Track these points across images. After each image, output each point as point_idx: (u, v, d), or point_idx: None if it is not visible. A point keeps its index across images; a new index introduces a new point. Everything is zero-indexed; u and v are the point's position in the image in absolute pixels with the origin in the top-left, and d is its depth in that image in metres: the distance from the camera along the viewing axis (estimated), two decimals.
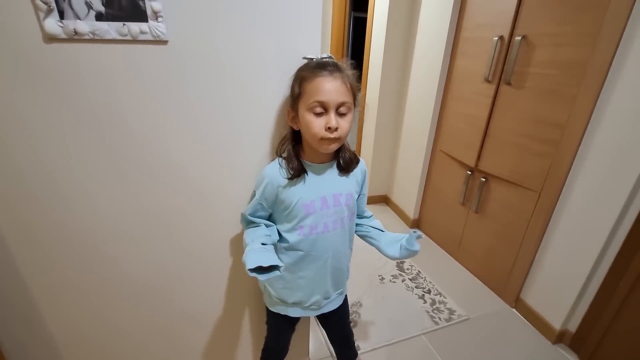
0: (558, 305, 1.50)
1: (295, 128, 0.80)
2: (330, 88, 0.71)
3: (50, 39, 0.67)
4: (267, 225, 0.85)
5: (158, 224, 0.90)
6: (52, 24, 0.67)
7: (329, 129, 0.72)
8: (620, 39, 1.16)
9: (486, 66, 1.69)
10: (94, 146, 0.77)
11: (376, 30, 2.49)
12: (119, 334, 1.01)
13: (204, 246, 0.97)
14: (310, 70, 0.73)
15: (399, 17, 2.31)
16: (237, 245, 1.01)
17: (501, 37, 1.60)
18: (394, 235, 0.91)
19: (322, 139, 0.73)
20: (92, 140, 0.76)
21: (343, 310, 1.01)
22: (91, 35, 0.69)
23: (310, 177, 0.82)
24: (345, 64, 0.77)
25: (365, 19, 2.68)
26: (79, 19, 0.68)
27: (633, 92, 1.16)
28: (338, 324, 1.04)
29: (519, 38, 1.50)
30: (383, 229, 0.96)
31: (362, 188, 0.92)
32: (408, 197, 2.55)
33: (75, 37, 0.68)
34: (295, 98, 0.76)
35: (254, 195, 0.85)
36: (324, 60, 0.76)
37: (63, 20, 0.67)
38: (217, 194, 0.92)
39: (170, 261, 0.96)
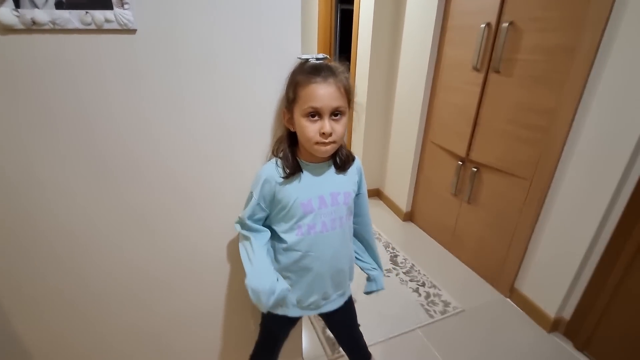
0: (552, 293, 1.49)
1: (292, 129, 0.80)
2: (324, 94, 0.71)
3: (6, 29, 0.62)
4: (263, 235, 0.84)
5: (138, 228, 0.86)
6: (7, 13, 0.61)
7: (323, 134, 0.72)
8: (607, 22, 1.15)
9: (474, 54, 1.67)
10: (60, 146, 0.72)
11: (363, 22, 2.46)
12: (101, 341, 0.96)
13: (189, 250, 0.93)
14: (305, 75, 0.73)
15: (385, 8, 2.28)
16: (226, 250, 0.97)
17: (488, 24, 1.57)
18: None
19: (317, 143, 0.74)
20: (56, 139, 0.72)
21: (347, 311, 0.98)
22: (51, 25, 0.64)
23: (307, 176, 0.81)
24: (341, 66, 0.76)
25: (352, 11, 2.65)
26: (37, 8, 0.63)
27: (621, 76, 1.15)
28: (344, 326, 1.01)
29: (506, 24, 1.48)
30: (376, 266, 1.01)
31: (360, 187, 0.91)
32: (400, 190, 2.53)
33: (33, 28, 0.63)
34: (290, 101, 0.77)
35: (250, 196, 0.83)
36: (319, 63, 0.75)
37: (19, 9, 0.62)
38: (200, 195, 0.88)
39: (153, 266, 0.92)
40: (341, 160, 0.84)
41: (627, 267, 1.23)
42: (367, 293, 1.03)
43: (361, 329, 1.04)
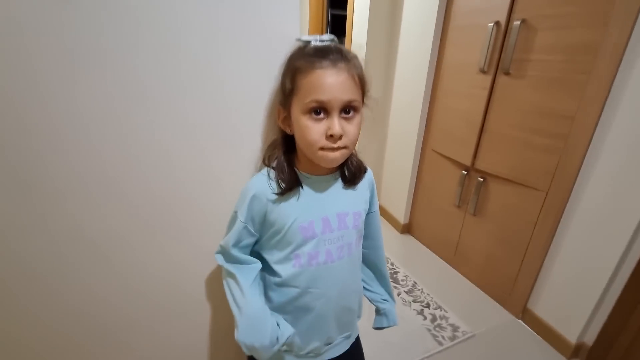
0: (572, 315, 1.35)
1: (288, 132, 0.62)
2: (332, 83, 0.53)
3: None
4: (251, 269, 0.66)
5: (89, 255, 0.67)
6: None
7: (331, 137, 0.55)
8: (637, 16, 1.03)
9: (480, 56, 1.55)
10: None
11: (357, 27, 2.34)
12: None
13: (153, 284, 0.75)
14: (306, 59, 0.55)
15: (381, 11, 2.17)
16: (204, 284, 0.79)
17: (497, 23, 1.46)
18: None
19: (322, 148, 0.56)
20: None
21: (353, 354, 0.80)
22: None
23: (307, 193, 0.64)
24: (352, 51, 0.58)
25: (343, 17, 2.55)
26: None
27: None
28: None
29: (518, 22, 1.36)
30: (387, 297, 0.84)
31: (371, 205, 0.74)
32: (397, 200, 2.38)
33: None
34: (286, 95, 0.59)
35: (234, 218, 0.65)
36: (325, 44, 0.56)
37: None
38: (166, 216, 0.70)
39: (115, 302, 0.73)
40: (350, 172, 0.67)
41: None
42: (377, 329, 0.86)
43: None
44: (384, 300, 0.84)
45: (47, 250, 0.63)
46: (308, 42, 0.58)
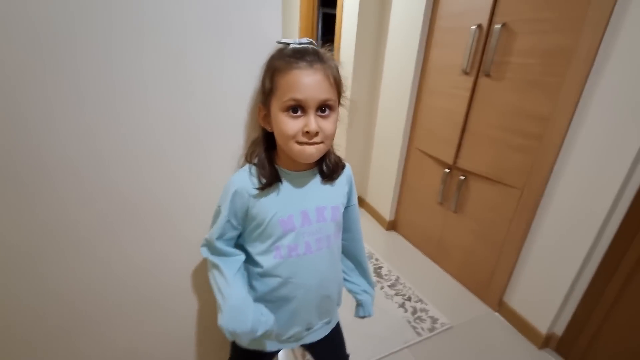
0: (543, 308, 1.42)
1: (269, 129, 0.65)
2: (309, 83, 0.57)
3: None
4: (235, 260, 0.69)
5: (73, 247, 0.68)
6: None
7: (307, 133, 0.59)
8: (608, 22, 1.09)
9: (463, 57, 1.60)
10: None
11: (346, 25, 2.37)
12: None
13: (140, 269, 0.76)
14: (285, 59, 0.59)
15: (369, 11, 2.21)
16: (190, 276, 0.81)
17: (479, 26, 1.51)
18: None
19: (298, 142, 0.60)
20: None
21: (334, 340, 0.84)
22: None
23: (287, 188, 0.67)
24: (329, 52, 0.62)
25: (334, 15, 2.57)
26: None
27: (622, 81, 1.09)
28: (326, 354, 0.86)
29: (499, 26, 1.41)
30: (366, 288, 0.88)
31: (350, 199, 0.78)
32: (383, 198, 2.43)
33: None
34: (266, 94, 0.62)
35: (218, 212, 0.67)
36: (303, 46, 0.60)
37: None
38: (152, 208, 0.71)
39: (98, 289, 0.74)
40: (328, 168, 0.70)
41: (625, 281, 1.17)
42: (358, 317, 0.90)
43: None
44: (363, 291, 0.87)
45: (33, 236, 0.64)
46: (287, 45, 0.61)
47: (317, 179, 0.70)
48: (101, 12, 0.55)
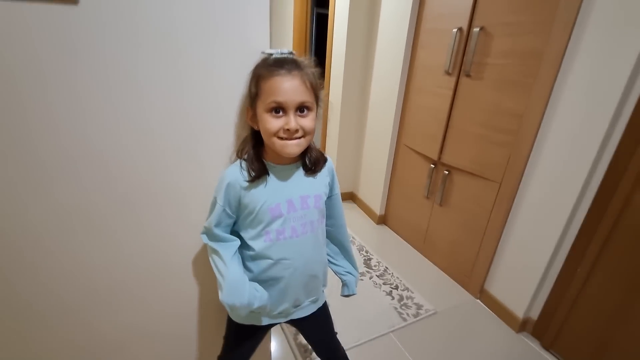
0: (520, 294, 1.51)
1: (256, 128, 0.73)
2: (287, 87, 0.66)
3: None
4: (232, 245, 0.78)
5: (86, 224, 0.76)
6: None
7: (287, 130, 0.67)
8: (573, 26, 1.18)
9: (446, 58, 1.69)
10: None
11: (337, 25, 2.45)
12: (49, 351, 0.85)
13: (147, 249, 0.85)
14: (267, 68, 0.68)
15: (360, 11, 2.29)
16: (193, 245, 0.90)
17: (460, 29, 1.60)
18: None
19: (280, 138, 0.68)
20: None
21: (322, 319, 0.93)
22: None
23: (274, 179, 0.75)
24: (307, 60, 0.71)
25: (328, 15, 2.64)
26: None
27: (586, 80, 1.18)
28: (319, 335, 0.95)
29: (477, 29, 1.50)
30: (350, 270, 0.96)
31: (332, 189, 0.86)
32: (374, 193, 2.52)
33: None
34: (252, 97, 0.71)
35: (214, 202, 0.76)
36: (283, 56, 0.70)
37: None
38: (151, 196, 0.80)
39: (106, 267, 0.82)
40: (310, 162, 0.78)
41: (590, 268, 1.27)
42: (343, 296, 0.98)
43: None
44: (347, 272, 0.96)
45: (47, 217, 0.72)
46: (271, 55, 0.70)
47: (301, 171, 0.79)
48: (130, 23, 0.64)
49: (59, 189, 0.71)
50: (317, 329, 0.94)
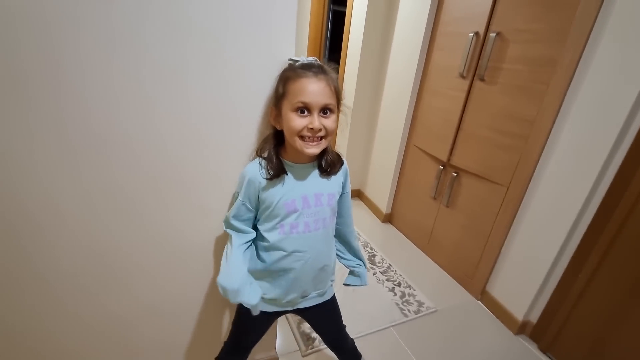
0: (521, 297, 1.54)
1: (278, 128, 0.78)
2: (314, 89, 0.70)
3: None
4: (245, 236, 0.83)
5: (125, 210, 0.82)
6: None
7: (311, 129, 0.72)
8: (589, 36, 1.20)
9: (461, 61, 1.71)
10: (32, 118, 0.67)
11: (354, 24, 2.47)
12: (74, 321, 0.91)
13: (169, 232, 0.90)
14: (295, 71, 0.73)
15: (377, 10, 2.30)
16: (206, 236, 0.95)
17: (477, 33, 1.62)
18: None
19: (302, 137, 0.73)
20: (28, 106, 0.67)
21: (330, 311, 0.97)
22: None
23: (291, 177, 0.80)
24: (331, 67, 0.76)
25: (344, 13, 2.66)
26: None
27: (598, 89, 1.20)
28: (328, 325, 0.99)
29: (494, 34, 1.52)
30: (356, 249, 1.00)
31: (344, 187, 0.91)
32: (381, 191, 2.55)
33: None
34: (279, 97, 0.75)
35: (235, 196, 0.82)
36: (310, 61, 0.75)
37: None
38: (179, 178, 0.85)
39: (129, 247, 0.88)
40: (327, 164, 0.82)
41: (591, 274, 1.29)
42: (347, 285, 1.02)
43: None
44: (357, 265, 1.00)
45: (73, 198, 0.78)
46: (297, 61, 0.76)
47: (317, 172, 0.83)
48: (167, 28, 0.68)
49: (88, 171, 0.76)
50: (324, 320, 0.98)
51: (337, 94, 0.75)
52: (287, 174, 0.79)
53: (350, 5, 2.53)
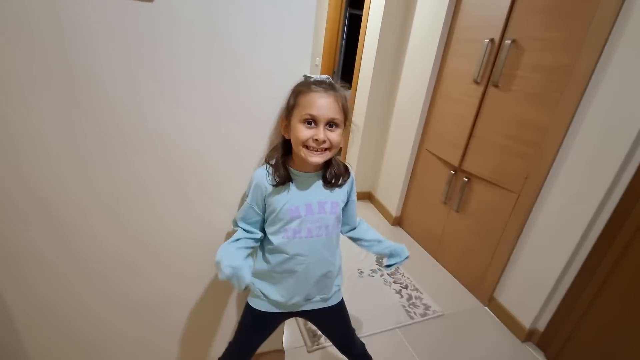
0: (529, 305, 1.54)
1: (287, 137, 0.83)
2: (322, 104, 0.75)
3: None
4: (251, 234, 0.87)
5: (141, 199, 0.88)
6: None
7: (316, 140, 0.76)
8: (604, 46, 1.20)
9: (476, 67, 1.72)
10: (66, 107, 0.73)
11: (370, 27, 2.50)
12: (89, 312, 0.97)
13: (186, 223, 0.95)
14: (307, 85, 0.78)
15: (393, 15, 2.33)
16: (221, 228, 0.99)
17: (492, 40, 1.62)
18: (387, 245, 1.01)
19: (307, 147, 0.77)
20: (64, 100, 0.72)
21: (333, 313, 0.97)
22: None
23: (296, 185, 0.84)
24: (341, 85, 0.81)
25: (361, 16, 2.69)
26: None
27: (612, 100, 1.20)
28: (328, 327, 1.01)
29: (509, 41, 1.53)
30: (380, 239, 1.02)
31: (349, 195, 0.93)
32: (392, 194, 2.57)
33: None
34: (289, 109, 0.80)
35: (244, 198, 0.87)
36: (322, 78, 0.80)
37: None
38: (198, 173, 0.90)
39: (148, 237, 0.93)
40: (332, 176, 0.85)
41: (601, 285, 1.28)
42: (390, 266, 1.02)
43: None
44: (388, 246, 1.01)
45: (102, 190, 0.84)
46: (310, 77, 0.81)
47: (321, 181, 0.86)
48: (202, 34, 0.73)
49: (112, 163, 0.82)
50: (332, 325, 1.00)
51: (345, 111, 0.80)
52: (292, 182, 0.83)
53: (367, 9, 2.56)
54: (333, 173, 0.86)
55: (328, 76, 0.80)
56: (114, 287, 0.96)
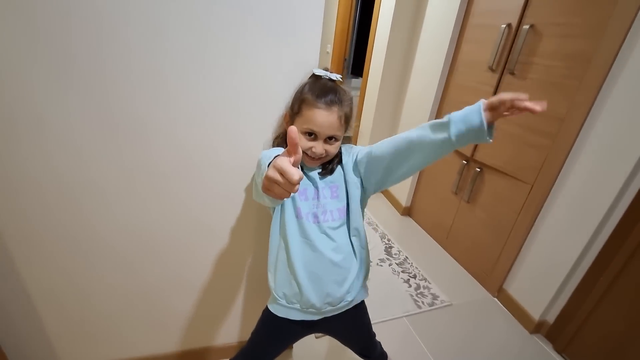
0: (539, 297, 1.53)
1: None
2: (324, 122, 0.75)
3: None
4: None
5: (143, 185, 0.89)
6: None
7: (313, 152, 0.78)
8: (627, 33, 1.15)
9: (491, 54, 1.67)
10: (77, 92, 0.74)
11: (383, 14, 2.44)
12: (102, 297, 1.01)
13: (197, 210, 0.97)
14: (313, 95, 0.76)
15: (406, 1, 2.26)
16: (233, 212, 1.01)
17: (509, 25, 1.57)
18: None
19: (305, 153, 0.79)
20: (69, 87, 0.74)
21: (353, 316, 0.92)
22: None
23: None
24: (347, 93, 0.79)
25: (373, 2, 2.63)
26: None
27: (633, 89, 1.15)
28: (349, 333, 0.96)
29: (527, 27, 1.47)
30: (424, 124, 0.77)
31: (357, 155, 0.84)
32: (402, 184, 2.54)
33: None
34: (294, 112, 0.81)
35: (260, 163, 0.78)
36: (329, 86, 0.78)
37: None
38: (210, 159, 0.91)
39: (158, 223, 0.95)
40: (327, 170, 0.84)
41: (614, 278, 1.26)
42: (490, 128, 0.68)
43: None
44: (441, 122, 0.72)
45: (120, 177, 0.86)
46: (319, 77, 0.80)
47: (318, 170, 0.85)
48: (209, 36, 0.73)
49: (129, 150, 0.83)
50: (353, 331, 0.96)
51: (347, 122, 0.80)
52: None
53: None
54: (329, 168, 0.84)
55: (338, 77, 0.79)
56: (130, 267, 0.99)
